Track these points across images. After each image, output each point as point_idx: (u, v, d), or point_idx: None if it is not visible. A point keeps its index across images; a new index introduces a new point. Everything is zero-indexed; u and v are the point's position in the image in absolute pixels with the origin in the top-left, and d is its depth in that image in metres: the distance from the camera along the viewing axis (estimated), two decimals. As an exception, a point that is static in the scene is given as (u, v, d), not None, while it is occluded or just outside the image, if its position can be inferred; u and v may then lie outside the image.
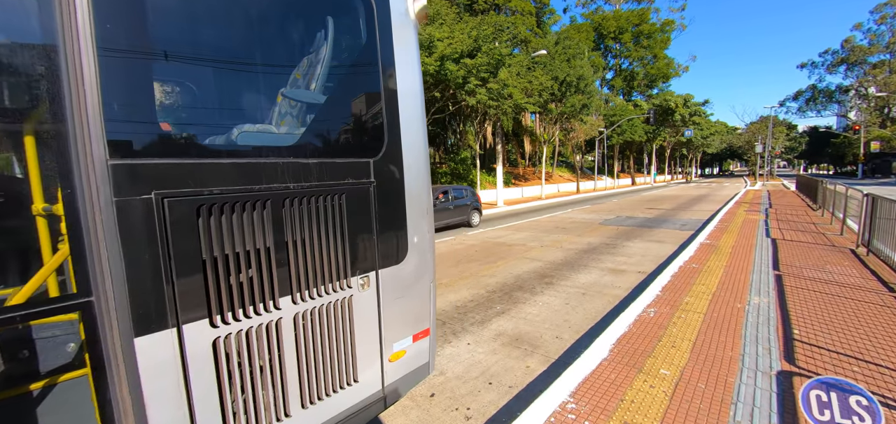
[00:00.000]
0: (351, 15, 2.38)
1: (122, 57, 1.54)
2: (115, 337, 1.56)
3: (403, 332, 2.56)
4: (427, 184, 2.64)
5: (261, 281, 1.91)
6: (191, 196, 1.68)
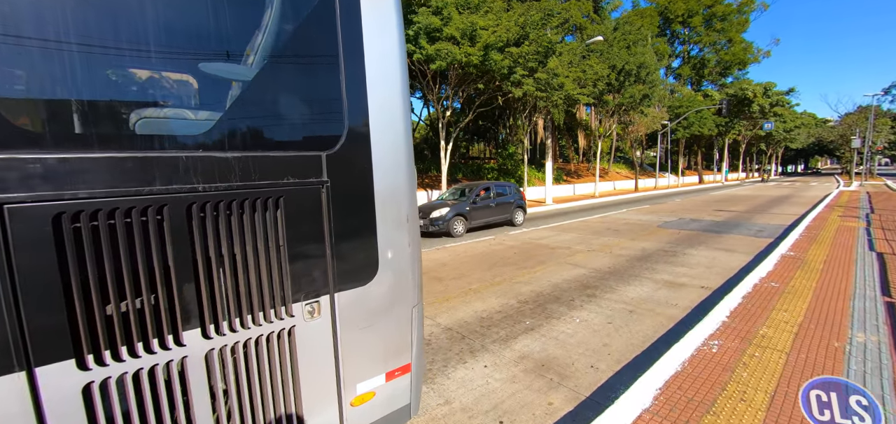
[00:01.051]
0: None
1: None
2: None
3: (372, 369, 2.04)
4: (408, 185, 2.08)
5: (154, 310, 1.46)
6: (45, 202, 1.26)
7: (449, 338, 4.57)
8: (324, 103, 1.83)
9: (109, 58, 1.42)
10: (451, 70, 15.37)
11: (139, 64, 1.51)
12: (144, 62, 1.51)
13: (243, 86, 1.65)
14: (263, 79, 1.67)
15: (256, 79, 1.66)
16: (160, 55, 1.52)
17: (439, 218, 11.85)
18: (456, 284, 6.79)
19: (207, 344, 1.56)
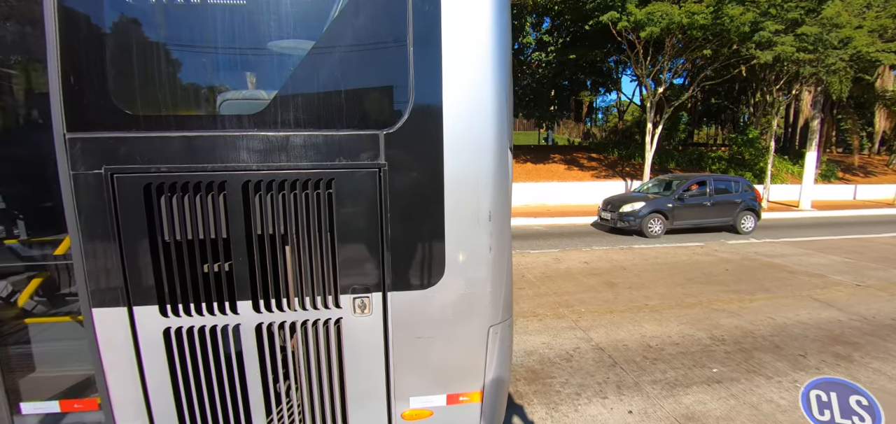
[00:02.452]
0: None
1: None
2: (84, 304, 1.55)
3: (430, 386, 1.75)
4: (495, 174, 1.65)
5: (216, 276, 1.56)
6: (138, 173, 1.47)
7: (596, 360, 3.80)
8: (384, 71, 1.58)
9: (196, 47, 1.55)
10: (668, 36, 12.77)
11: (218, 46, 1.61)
12: (223, 45, 1.60)
13: (299, 60, 1.57)
14: (318, 49, 1.54)
15: (312, 50, 1.54)
16: (234, 38, 1.58)
17: (630, 213, 10.24)
18: (629, 295, 5.67)
19: (257, 317, 1.60)
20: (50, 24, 1.39)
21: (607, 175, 18.51)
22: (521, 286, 6.22)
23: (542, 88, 21.45)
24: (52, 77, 1.41)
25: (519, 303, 5.44)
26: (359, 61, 1.55)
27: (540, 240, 9.91)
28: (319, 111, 1.54)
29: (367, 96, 1.58)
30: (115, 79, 1.47)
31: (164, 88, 1.51)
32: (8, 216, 1.85)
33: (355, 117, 1.55)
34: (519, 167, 18.52)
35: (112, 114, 1.46)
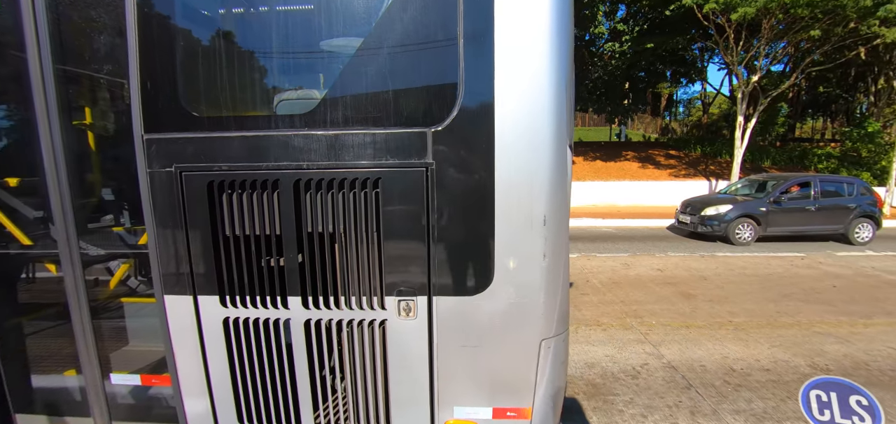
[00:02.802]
0: None
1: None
2: (158, 290, 1.69)
3: (475, 396, 1.66)
4: (552, 175, 1.52)
5: (269, 273, 1.61)
6: (202, 171, 1.56)
7: (666, 380, 3.44)
8: (432, 66, 1.51)
9: (255, 52, 1.60)
10: (765, 17, 11.27)
11: (274, 50, 1.65)
12: (278, 48, 1.63)
13: (347, 59, 1.55)
14: (366, 46, 1.51)
15: (360, 47, 1.52)
16: (290, 41, 1.61)
17: (715, 216, 9.24)
18: (709, 309, 5.09)
19: (306, 313, 1.62)
20: (131, 37, 1.51)
21: (687, 174, 16.92)
22: (584, 291, 5.88)
23: (614, 81, 20.16)
24: (133, 84, 1.54)
25: (581, 310, 5.14)
26: (406, 57, 1.50)
27: (608, 243, 9.32)
28: (366, 109, 1.52)
29: (414, 93, 1.52)
30: (184, 83, 1.57)
31: (225, 92, 1.59)
32: (113, 206, 2.07)
33: (402, 115, 1.50)
34: (587, 165, 17.64)
35: (181, 117, 1.56)
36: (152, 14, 1.52)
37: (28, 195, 1.97)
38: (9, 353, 2.04)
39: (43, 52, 1.75)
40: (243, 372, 1.70)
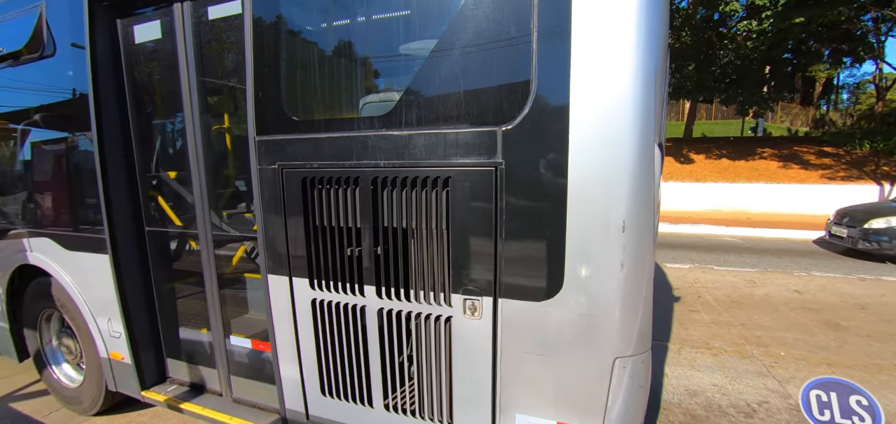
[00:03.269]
0: None
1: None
2: (263, 270, 1.96)
3: (538, 406, 1.60)
4: (633, 176, 1.38)
5: (349, 262, 1.76)
6: (298, 168, 1.76)
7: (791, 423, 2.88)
8: (504, 64, 1.47)
9: (343, 59, 1.75)
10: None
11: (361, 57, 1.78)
12: (362, 55, 1.76)
13: (422, 61, 1.59)
14: (440, 47, 1.53)
15: (434, 49, 1.55)
16: (373, 48, 1.72)
17: (885, 231, 7.38)
18: (865, 347, 4.09)
19: (379, 302, 1.73)
20: (248, 54, 1.78)
21: (848, 176, 13.70)
22: (694, 308, 5.19)
23: (749, 66, 17.23)
24: (249, 93, 1.81)
25: (686, 328, 4.55)
26: (477, 56, 1.49)
27: (731, 255, 8.07)
28: (438, 109, 1.55)
29: (484, 92, 1.51)
30: (286, 92, 1.78)
31: (317, 98, 1.77)
32: (240, 196, 2.46)
33: (472, 114, 1.50)
34: (709, 164, 15.48)
35: (284, 121, 1.79)
36: (264, 35, 1.76)
37: (182, 185, 2.44)
38: (164, 309, 2.57)
39: (190, 70, 2.15)
40: (326, 349, 1.88)
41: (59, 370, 3.16)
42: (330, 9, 1.85)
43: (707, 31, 16.41)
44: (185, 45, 2.13)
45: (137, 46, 2.32)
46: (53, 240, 2.69)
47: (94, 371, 2.80)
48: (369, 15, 1.71)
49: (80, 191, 2.57)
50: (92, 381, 2.85)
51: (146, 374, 2.57)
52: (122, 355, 2.54)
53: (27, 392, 3.41)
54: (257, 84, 1.79)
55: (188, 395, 2.55)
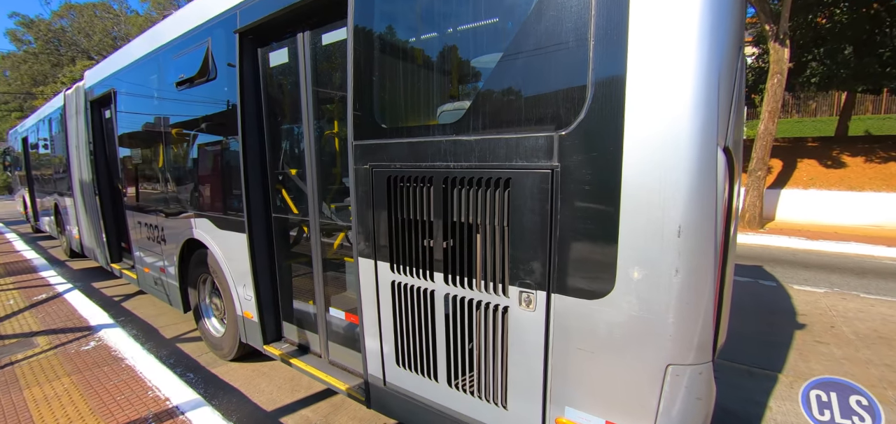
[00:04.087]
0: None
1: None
2: (354, 253, 2.33)
3: (587, 403, 1.65)
4: (694, 183, 1.38)
5: (423, 251, 2.01)
6: (385, 168, 2.07)
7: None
8: (562, 72, 1.56)
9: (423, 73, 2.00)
10: None
11: (437, 70, 2.01)
12: (439, 68, 1.98)
13: (489, 73, 1.75)
14: (505, 58, 1.68)
15: (500, 60, 1.70)
16: (449, 62, 1.93)
17: None
18: None
19: (445, 288, 1.94)
20: (349, 70, 2.14)
21: None
22: (821, 338, 4.44)
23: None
24: (349, 103, 2.17)
25: (807, 360, 3.94)
26: (537, 64, 1.61)
27: (889, 282, 6.60)
28: (501, 116, 1.71)
29: (543, 98, 1.62)
30: (377, 102, 2.11)
31: (400, 108, 2.05)
32: (342, 191, 2.90)
33: (531, 120, 1.63)
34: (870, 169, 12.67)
35: (374, 127, 2.11)
36: (361, 57, 2.11)
37: (300, 180, 2.97)
38: (282, 281, 3.14)
39: (308, 86, 2.62)
40: (401, 325, 2.16)
41: (209, 322, 4.04)
42: (414, 34, 2.12)
43: (871, 5, 13.36)
44: (305, 66, 2.61)
45: (271, 68, 2.90)
46: (210, 221, 3.48)
47: (232, 325, 3.54)
48: (444, 40, 1.94)
49: (229, 182, 3.29)
50: (230, 333, 3.61)
51: (267, 332, 3.18)
52: (252, 314, 3.19)
53: (188, 337, 4.42)
54: (356, 96, 2.15)
55: (296, 353, 3.10)
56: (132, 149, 4.85)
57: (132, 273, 5.38)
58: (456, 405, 2.05)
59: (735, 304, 5.66)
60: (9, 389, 3.14)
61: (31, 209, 11.39)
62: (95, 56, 35.33)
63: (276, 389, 3.37)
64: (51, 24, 37.70)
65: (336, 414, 3.02)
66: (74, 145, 6.38)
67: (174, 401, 2.87)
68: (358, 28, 2.11)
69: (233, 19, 2.86)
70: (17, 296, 5.46)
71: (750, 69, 17.08)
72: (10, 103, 41.57)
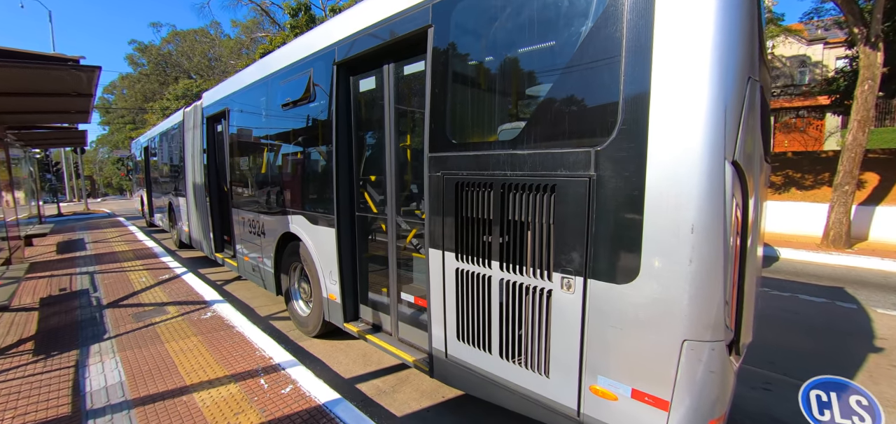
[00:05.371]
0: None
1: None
2: (426, 245, 2.84)
3: (616, 372, 1.99)
4: (704, 191, 1.69)
5: (483, 243, 2.45)
6: (453, 176, 2.56)
7: None
8: (599, 101, 1.94)
9: (486, 99, 2.47)
10: None
11: (498, 95, 2.46)
12: (501, 91, 2.44)
13: (541, 99, 2.16)
14: (553, 88, 2.09)
15: (549, 89, 2.11)
16: (509, 87, 2.38)
17: None
18: None
19: (500, 273, 2.37)
20: (427, 94, 2.67)
21: None
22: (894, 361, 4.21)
23: None
24: (426, 121, 2.70)
25: (878, 383, 3.80)
26: (578, 93, 2.01)
27: None
28: (550, 134, 2.12)
29: (583, 121, 2.02)
30: (449, 121, 2.61)
31: (467, 126, 2.53)
32: (416, 195, 3.46)
33: (574, 138, 2.03)
34: None
35: (446, 142, 2.62)
36: (436, 85, 2.63)
37: (380, 185, 3.56)
38: (362, 269, 3.75)
39: (390, 108, 3.20)
40: (463, 305, 2.62)
41: (297, 304, 4.79)
42: (478, 68, 2.60)
43: None
44: (389, 92, 3.20)
45: (361, 93, 3.53)
46: (304, 218, 4.20)
47: (317, 305, 4.22)
48: (503, 73, 2.40)
49: (321, 186, 3.98)
50: (316, 312, 4.29)
51: (347, 312, 3.80)
52: (335, 296, 3.82)
53: (278, 317, 5.22)
54: (432, 117, 2.67)
55: (371, 331, 3.67)
56: (240, 157, 5.84)
57: (233, 261, 6.39)
58: (505, 374, 2.45)
59: (801, 323, 5.49)
60: (154, 342, 4.04)
61: (147, 207, 13.48)
62: (194, 75, 40.31)
63: (351, 362, 3.98)
64: (160, 49, 43.69)
65: (401, 386, 3.54)
66: (190, 154, 7.67)
67: (276, 360, 3.56)
68: (435, 63, 2.64)
69: (331, 54, 3.55)
70: (147, 275, 6.70)
71: (842, 74, 15.60)
72: (125, 117, 48.52)
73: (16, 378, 3.35)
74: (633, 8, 1.80)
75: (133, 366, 3.51)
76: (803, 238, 10.67)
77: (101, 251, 9.09)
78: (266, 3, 26.23)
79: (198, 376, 3.32)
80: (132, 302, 5.31)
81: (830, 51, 24.46)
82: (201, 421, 2.71)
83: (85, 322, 4.62)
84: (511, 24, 2.34)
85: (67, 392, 3.12)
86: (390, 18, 2.99)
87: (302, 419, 2.72)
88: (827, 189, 11.56)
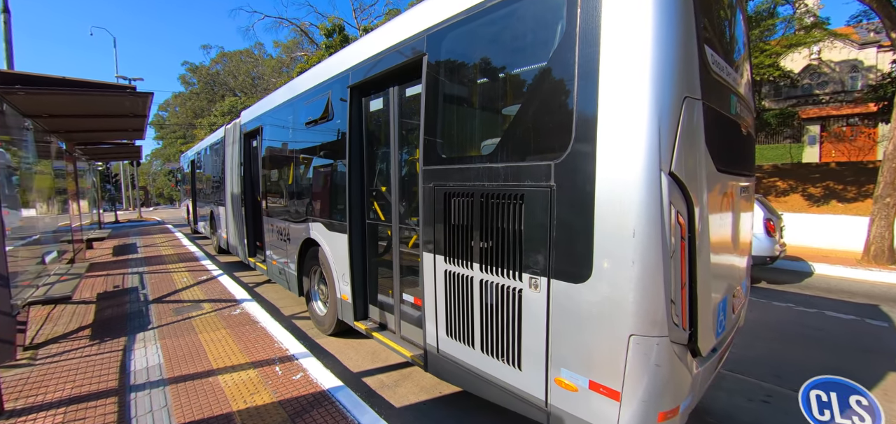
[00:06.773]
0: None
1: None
2: (421, 250, 3.14)
3: (576, 365, 2.19)
4: (643, 199, 1.89)
5: (465, 247, 2.73)
6: (442, 186, 2.86)
7: None
8: (555, 120, 2.18)
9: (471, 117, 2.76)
10: None
11: (492, 116, 2.75)
12: (492, 115, 2.72)
13: (511, 118, 2.43)
14: (521, 110, 2.36)
15: (517, 111, 2.38)
16: (490, 108, 2.66)
17: None
18: None
19: (480, 274, 2.63)
20: (422, 114, 2.99)
21: None
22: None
23: None
24: (421, 138, 3.02)
25: (892, 402, 3.69)
26: (542, 115, 2.27)
27: None
28: (518, 149, 2.38)
29: (545, 138, 2.26)
30: (439, 138, 2.92)
31: (453, 142, 2.83)
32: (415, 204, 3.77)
33: (538, 152, 2.28)
34: None
35: (437, 156, 2.92)
36: (429, 106, 2.95)
37: (386, 195, 3.91)
38: (370, 272, 4.09)
39: (394, 124, 3.55)
40: (451, 303, 2.89)
41: (316, 304, 5.19)
42: (464, 91, 2.91)
43: None
44: (393, 111, 3.56)
45: (371, 112, 3.92)
46: (322, 224, 4.62)
47: (332, 305, 4.60)
48: (483, 96, 2.69)
49: (336, 195, 4.38)
50: (331, 311, 4.67)
51: (358, 311, 4.14)
52: (347, 296, 4.18)
53: (299, 316, 5.66)
54: (426, 134, 2.99)
55: (377, 329, 3.99)
56: (271, 169, 6.40)
57: (263, 265, 6.94)
58: (486, 367, 2.69)
59: (822, 339, 5.35)
60: (190, 332, 4.55)
61: (192, 215, 14.61)
62: (239, 93, 43.01)
63: (360, 358, 4.31)
64: (209, 69, 46.99)
65: (404, 381, 3.82)
66: (229, 167, 8.39)
67: (292, 352, 3.95)
68: (428, 86, 2.97)
69: (346, 78, 3.96)
70: (188, 276, 7.38)
71: (890, 79, 14.68)
72: (177, 132, 52.25)
73: (75, 358, 3.91)
74: (584, 40, 2.05)
75: (170, 352, 4.01)
76: (843, 253, 10.11)
77: (150, 254, 10.02)
78: (305, 25, 27.87)
79: (223, 362, 3.75)
80: (173, 299, 5.92)
81: (885, 54, 22.93)
82: (222, 398, 3.11)
83: (133, 314, 5.24)
84: (488, 52, 2.64)
85: (116, 370, 3.63)
86: (393, 47, 3.36)
87: (307, 401, 3.06)
88: (870, 201, 10.91)
